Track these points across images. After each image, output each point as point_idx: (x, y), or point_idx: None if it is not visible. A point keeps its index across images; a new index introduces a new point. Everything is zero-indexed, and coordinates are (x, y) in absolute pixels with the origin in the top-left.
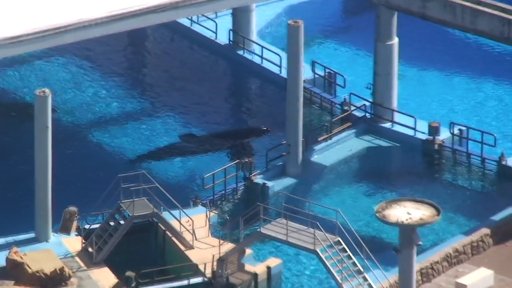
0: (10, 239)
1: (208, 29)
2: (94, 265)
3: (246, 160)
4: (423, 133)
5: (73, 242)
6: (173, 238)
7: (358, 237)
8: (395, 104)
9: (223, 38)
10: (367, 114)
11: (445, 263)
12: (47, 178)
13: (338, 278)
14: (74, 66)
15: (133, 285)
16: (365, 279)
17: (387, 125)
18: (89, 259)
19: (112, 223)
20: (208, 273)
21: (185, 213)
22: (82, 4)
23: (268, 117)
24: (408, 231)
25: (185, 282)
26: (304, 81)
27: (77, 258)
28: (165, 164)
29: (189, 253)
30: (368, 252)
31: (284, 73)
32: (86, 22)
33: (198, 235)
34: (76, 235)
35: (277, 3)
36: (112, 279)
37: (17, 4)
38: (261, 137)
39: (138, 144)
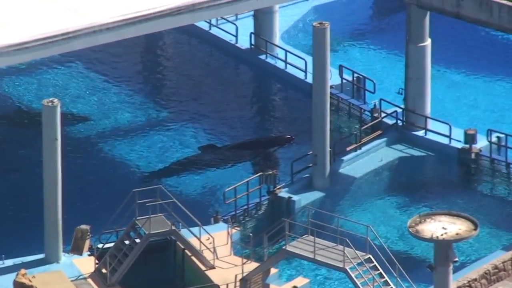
0: (17, 260)
1: (228, 32)
2: None
3: (270, 172)
4: (458, 141)
5: (86, 263)
6: (193, 257)
7: (391, 254)
8: (428, 111)
9: (244, 42)
10: (398, 122)
11: (483, 281)
12: (57, 194)
13: None
14: (84, 72)
15: None
16: None
17: (420, 133)
18: (103, 281)
19: (127, 242)
20: None
21: (205, 230)
22: (92, 7)
23: (293, 125)
24: (443, 247)
25: None
26: (331, 86)
27: (90, 280)
28: (183, 178)
29: (210, 273)
30: (401, 269)
31: (309, 79)
32: (97, 27)
33: (219, 254)
34: (89, 255)
35: (301, 4)
36: None
37: (22, 8)
38: (285, 146)
39: (155, 156)
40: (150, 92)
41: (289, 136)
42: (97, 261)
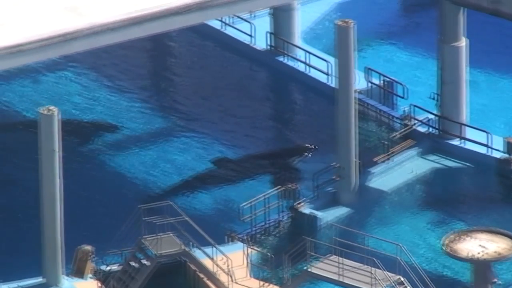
0: (14, 284)
1: (244, 32)
2: None
3: (290, 186)
4: (498, 150)
5: (88, 287)
6: (206, 280)
7: (424, 275)
8: (464, 117)
9: (261, 42)
10: (432, 130)
11: None
12: (56, 211)
13: None
14: (85, 77)
15: None
16: None
17: (456, 142)
18: None
19: (134, 264)
20: None
21: (219, 250)
22: (93, 6)
23: (315, 134)
24: (481, 267)
25: None
26: (357, 91)
27: None
28: (195, 193)
29: None
30: None
31: (333, 82)
32: (98, 27)
33: (235, 276)
34: (92, 278)
35: (323, 0)
36: None
37: (17, 8)
38: (305, 157)
39: (164, 169)
40: (157, 99)
41: (309, 146)
42: (101, 285)
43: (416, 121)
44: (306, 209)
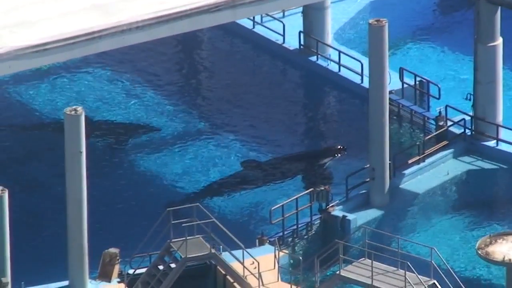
0: None
1: (274, 31)
2: None
3: (322, 188)
4: None
5: None
6: (235, 284)
7: (458, 279)
8: (500, 118)
9: (292, 42)
10: (467, 131)
11: None
12: (82, 214)
13: None
14: (112, 77)
15: None
16: None
17: (491, 143)
18: None
19: (161, 267)
20: None
21: (249, 253)
22: (120, 4)
23: (347, 135)
24: None
25: None
26: (391, 92)
27: None
28: (224, 195)
29: None
30: None
31: (366, 83)
32: (125, 25)
33: (265, 280)
34: (118, 282)
35: None
36: None
37: (42, 5)
38: (336, 158)
39: (192, 171)
40: (186, 100)
41: (340, 147)
42: None
43: (450, 122)
44: (337, 211)
